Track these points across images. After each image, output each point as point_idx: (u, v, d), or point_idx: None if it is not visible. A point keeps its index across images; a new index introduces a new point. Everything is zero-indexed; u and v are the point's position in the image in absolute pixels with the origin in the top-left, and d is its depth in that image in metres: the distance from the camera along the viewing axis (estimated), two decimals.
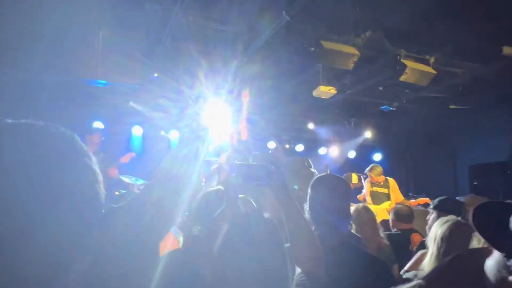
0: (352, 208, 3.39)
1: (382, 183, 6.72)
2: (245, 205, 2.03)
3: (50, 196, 0.80)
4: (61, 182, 0.84)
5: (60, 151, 0.88)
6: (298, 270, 1.54)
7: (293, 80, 7.74)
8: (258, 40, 5.81)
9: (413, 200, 6.73)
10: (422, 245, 3.27)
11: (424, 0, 4.95)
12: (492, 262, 0.90)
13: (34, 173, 0.79)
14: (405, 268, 2.75)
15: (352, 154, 10.57)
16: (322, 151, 10.57)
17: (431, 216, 3.54)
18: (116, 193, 5.97)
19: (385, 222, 6.38)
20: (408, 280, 2.12)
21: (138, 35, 4.38)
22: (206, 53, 6.71)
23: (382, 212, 6.47)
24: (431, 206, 3.76)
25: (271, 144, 9.48)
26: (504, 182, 7.90)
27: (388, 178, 6.85)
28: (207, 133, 1.50)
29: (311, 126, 10.12)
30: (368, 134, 10.30)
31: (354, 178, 7.03)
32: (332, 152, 10.45)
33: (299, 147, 10.41)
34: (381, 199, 6.62)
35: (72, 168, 0.88)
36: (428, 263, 2.12)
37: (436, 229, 2.20)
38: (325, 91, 6.82)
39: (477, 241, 1.93)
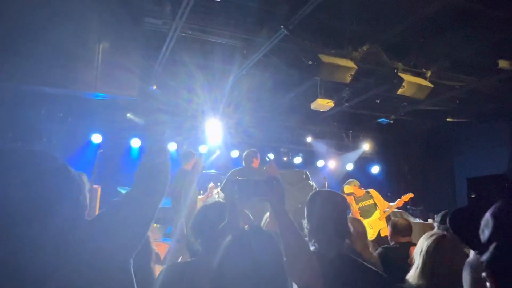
0: None
1: (363, 196, 6.70)
2: (243, 219, 2.03)
3: (36, 213, 0.84)
4: (46, 198, 0.87)
5: (44, 172, 0.92)
6: (295, 286, 1.54)
7: (291, 93, 7.79)
8: (256, 54, 5.85)
9: (398, 200, 6.67)
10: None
11: (420, 14, 5.02)
12: (467, 262, 0.92)
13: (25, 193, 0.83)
14: None
15: (350, 167, 10.56)
16: (320, 163, 10.58)
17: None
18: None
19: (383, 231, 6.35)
20: None
21: (137, 49, 4.41)
22: (204, 67, 6.75)
23: (376, 222, 6.44)
24: (435, 221, 3.74)
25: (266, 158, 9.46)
26: (501, 194, 7.90)
27: (368, 190, 6.83)
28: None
29: (309, 139, 10.14)
30: (366, 146, 10.31)
31: (347, 188, 7.00)
32: (330, 164, 10.45)
33: (297, 160, 10.42)
34: (370, 211, 6.58)
35: (56, 185, 0.93)
36: (413, 275, 2.13)
37: (422, 242, 2.20)
38: (323, 104, 6.84)
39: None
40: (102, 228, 1.14)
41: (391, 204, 6.62)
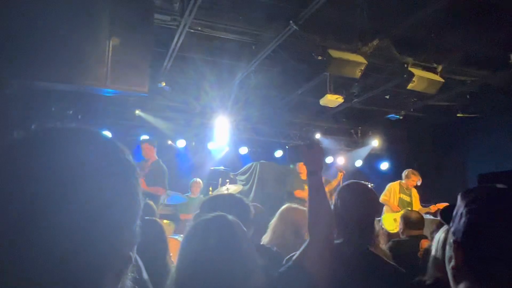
0: None
1: (406, 190, 6.71)
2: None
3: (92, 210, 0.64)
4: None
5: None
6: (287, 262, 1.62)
7: (300, 89, 7.76)
8: (265, 49, 5.83)
9: (432, 205, 6.61)
10: (427, 250, 3.24)
11: (431, 8, 4.96)
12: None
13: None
14: None
15: (359, 163, 10.51)
16: (329, 160, 10.54)
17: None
18: None
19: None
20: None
21: (147, 45, 4.41)
22: (213, 63, 6.76)
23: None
24: None
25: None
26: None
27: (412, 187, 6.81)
28: None
29: (318, 135, 10.11)
30: (375, 143, 10.25)
31: (406, 176, 6.93)
32: (339, 161, 10.41)
33: None
34: (404, 207, 6.55)
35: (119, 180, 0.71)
36: (430, 264, 2.15)
37: (437, 235, 2.24)
38: (332, 99, 6.81)
39: None
40: None
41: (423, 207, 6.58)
